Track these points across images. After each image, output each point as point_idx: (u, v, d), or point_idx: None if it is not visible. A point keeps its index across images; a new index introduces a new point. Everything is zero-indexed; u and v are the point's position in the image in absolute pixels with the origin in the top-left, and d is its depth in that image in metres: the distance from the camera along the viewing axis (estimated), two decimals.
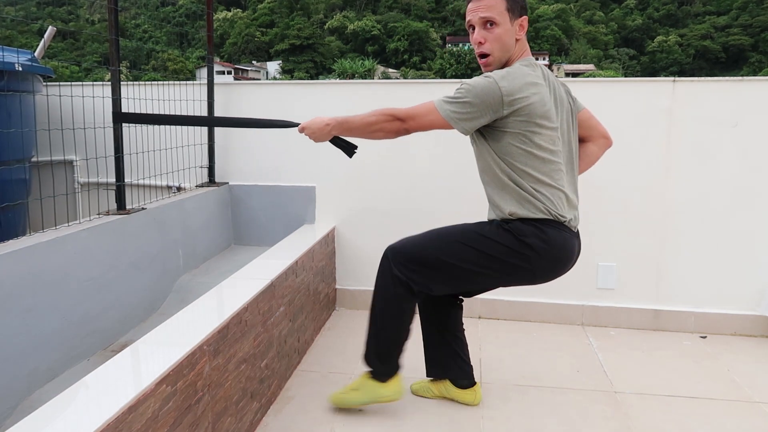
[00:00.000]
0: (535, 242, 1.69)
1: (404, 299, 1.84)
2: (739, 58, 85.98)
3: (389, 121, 1.70)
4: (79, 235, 2.11)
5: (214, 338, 1.55)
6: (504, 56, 1.71)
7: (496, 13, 1.66)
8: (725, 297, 2.73)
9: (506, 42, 1.69)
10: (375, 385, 1.94)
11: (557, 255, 1.73)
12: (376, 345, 1.92)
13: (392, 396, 1.95)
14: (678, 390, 2.19)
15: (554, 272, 1.79)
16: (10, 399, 1.83)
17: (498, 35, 1.68)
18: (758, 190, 2.64)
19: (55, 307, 2.00)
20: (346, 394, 1.98)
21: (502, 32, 1.68)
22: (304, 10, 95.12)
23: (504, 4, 1.67)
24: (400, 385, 1.96)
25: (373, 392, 1.94)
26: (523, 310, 2.87)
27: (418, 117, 1.69)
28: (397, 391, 1.95)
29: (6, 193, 2.76)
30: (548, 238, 1.70)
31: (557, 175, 1.71)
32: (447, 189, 2.83)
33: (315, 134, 1.81)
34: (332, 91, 3.01)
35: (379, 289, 1.88)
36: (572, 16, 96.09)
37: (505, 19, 1.67)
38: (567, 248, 1.75)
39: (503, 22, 1.67)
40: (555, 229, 1.71)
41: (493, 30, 1.68)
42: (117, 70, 2.36)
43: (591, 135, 1.95)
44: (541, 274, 1.78)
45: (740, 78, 2.62)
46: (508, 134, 1.66)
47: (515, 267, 1.74)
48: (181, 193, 2.93)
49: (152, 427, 1.24)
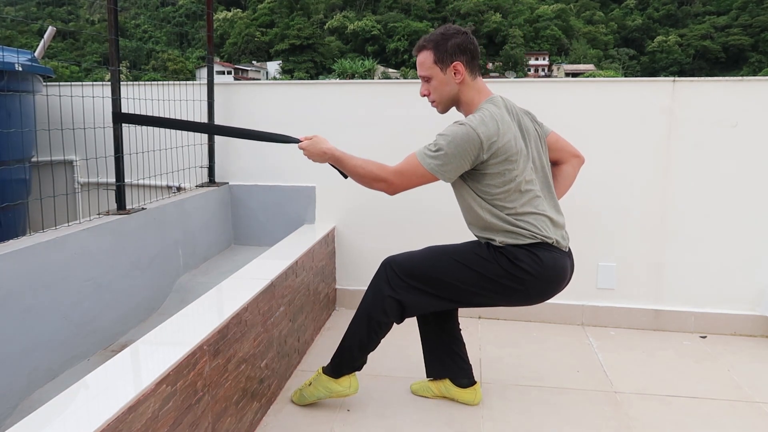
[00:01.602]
0: (528, 265, 1.75)
1: (385, 318, 1.87)
2: (739, 58, 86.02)
3: (376, 181, 1.80)
4: (79, 235, 2.11)
5: (214, 338, 1.55)
6: (450, 99, 1.84)
7: (426, 70, 1.81)
8: (725, 297, 2.73)
9: (445, 89, 1.82)
10: (328, 380, 1.99)
11: (550, 276, 1.78)
12: (348, 347, 1.96)
13: (345, 391, 1.99)
14: (678, 390, 2.19)
15: (548, 293, 1.83)
16: (10, 399, 1.83)
17: (435, 86, 1.83)
18: (758, 190, 2.64)
19: (55, 307, 2.00)
20: (303, 390, 2.03)
21: (437, 83, 1.82)
22: (304, 10, 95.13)
23: (431, 58, 1.79)
24: (354, 381, 2.00)
25: (326, 387, 1.99)
26: (523, 310, 2.87)
27: (405, 174, 1.76)
28: (349, 386, 1.99)
29: (6, 193, 2.76)
30: (541, 260, 1.76)
31: (536, 201, 1.78)
32: (447, 189, 2.82)
33: (312, 156, 1.90)
34: (332, 91, 3.01)
35: (369, 300, 1.91)
36: (572, 16, 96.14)
37: (435, 71, 1.80)
38: (558, 268, 1.80)
39: (435, 74, 1.80)
40: (546, 251, 1.77)
41: (431, 83, 1.83)
42: (117, 70, 2.36)
43: (562, 157, 2.00)
44: (535, 295, 1.83)
45: (740, 78, 2.62)
46: (488, 175, 1.74)
47: (510, 289, 1.79)
48: (181, 193, 2.93)
49: (152, 427, 1.24)
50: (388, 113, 2.89)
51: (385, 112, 2.90)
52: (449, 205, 2.12)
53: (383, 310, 1.86)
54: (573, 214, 1.81)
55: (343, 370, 1.98)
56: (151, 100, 2.84)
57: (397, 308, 1.85)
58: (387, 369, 2.28)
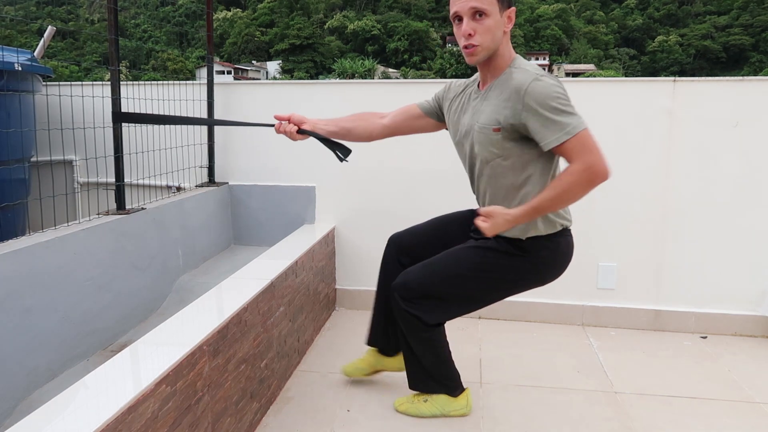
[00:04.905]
0: (546, 255, 1.73)
1: (421, 330, 1.83)
2: (740, 57, 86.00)
3: (585, 183, 1.51)
4: (79, 235, 2.10)
5: (213, 338, 1.55)
6: (492, 49, 1.61)
7: (486, 3, 1.54)
8: (726, 297, 2.73)
9: (496, 34, 1.59)
10: (447, 400, 1.95)
11: (564, 260, 1.78)
12: (427, 371, 1.92)
13: (461, 410, 1.96)
14: (678, 390, 2.19)
15: (560, 273, 1.82)
16: (10, 399, 1.82)
17: (488, 27, 1.56)
18: (759, 189, 2.64)
19: (55, 307, 1.99)
20: (420, 405, 1.97)
21: (492, 24, 1.56)
22: (304, 9, 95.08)
23: None
24: (469, 397, 1.98)
25: (443, 406, 1.95)
26: (523, 310, 2.87)
27: (589, 147, 1.51)
28: (465, 405, 1.96)
29: (5, 193, 2.76)
30: (558, 248, 1.74)
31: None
32: (447, 189, 2.82)
33: (501, 229, 1.61)
34: (332, 91, 3.01)
35: (401, 324, 1.87)
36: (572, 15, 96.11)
37: (495, 9, 1.56)
38: (571, 251, 1.79)
39: (493, 12, 1.56)
40: (563, 237, 1.75)
41: (483, 21, 1.56)
42: (117, 69, 2.36)
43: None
44: (549, 279, 1.81)
45: (741, 78, 2.62)
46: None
47: (526, 281, 1.79)
48: (181, 193, 2.93)
49: (152, 428, 1.24)
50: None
51: (385, 111, 2.90)
52: (450, 204, 2.11)
53: (419, 328, 1.82)
54: (573, 213, 1.80)
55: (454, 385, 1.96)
56: (151, 100, 2.84)
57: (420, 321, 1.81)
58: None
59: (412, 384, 1.97)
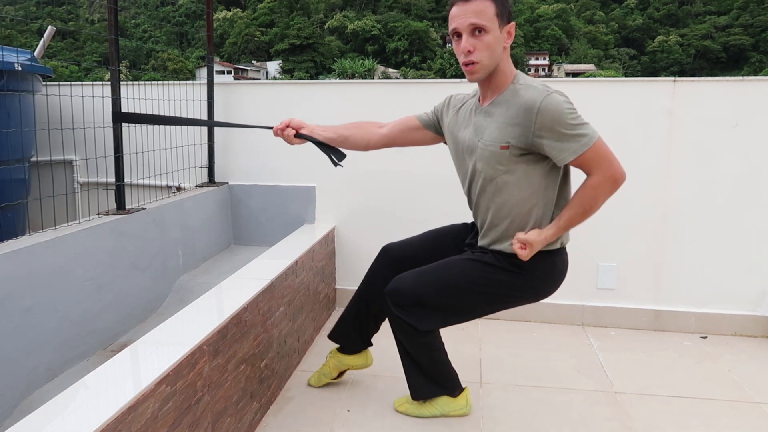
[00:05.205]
0: (542, 274, 1.73)
1: (415, 336, 1.83)
2: (740, 57, 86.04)
3: (606, 191, 1.60)
4: (79, 235, 2.10)
5: (213, 338, 1.55)
6: (492, 66, 1.59)
7: (485, 19, 1.52)
8: (726, 297, 2.73)
9: (495, 50, 1.57)
10: (447, 400, 1.96)
11: (559, 278, 1.79)
12: (425, 375, 1.92)
13: (461, 410, 1.96)
14: (678, 390, 2.19)
15: (553, 291, 1.82)
16: (10, 399, 1.82)
17: (488, 43, 1.54)
18: (759, 189, 2.64)
19: (55, 307, 1.99)
20: (420, 405, 1.97)
21: (491, 40, 1.54)
22: (304, 9, 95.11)
23: (493, 9, 1.53)
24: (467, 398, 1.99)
25: (443, 406, 1.96)
26: (523, 310, 2.86)
27: (607, 157, 1.58)
28: (466, 404, 1.97)
29: (5, 193, 2.76)
30: (555, 267, 1.74)
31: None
32: (447, 189, 2.82)
33: (532, 246, 1.64)
34: (332, 91, 3.01)
35: (394, 329, 1.88)
36: (572, 15, 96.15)
37: (494, 25, 1.54)
38: (566, 269, 1.80)
39: (493, 28, 1.54)
40: (559, 256, 1.75)
41: (483, 37, 1.54)
42: (117, 69, 2.36)
43: None
44: (543, 296, 1.81)
45: (741, 78, 2.62)
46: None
47: (520, 298, 1.79)
48: (181, 193, 2.93)
49: (152, 428, 1.24)
50: (388, 113, 2.88)
51: (385, 112, 2.89)
52: (449, 206, 2.12)
53: (413, 334, 1.82)
54: None
55: (453, 386, 1.96)
56: (151, 100, 2.84)
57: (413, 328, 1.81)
58: (387, 369, 2.27)
59: (414, 395, 1.97)
